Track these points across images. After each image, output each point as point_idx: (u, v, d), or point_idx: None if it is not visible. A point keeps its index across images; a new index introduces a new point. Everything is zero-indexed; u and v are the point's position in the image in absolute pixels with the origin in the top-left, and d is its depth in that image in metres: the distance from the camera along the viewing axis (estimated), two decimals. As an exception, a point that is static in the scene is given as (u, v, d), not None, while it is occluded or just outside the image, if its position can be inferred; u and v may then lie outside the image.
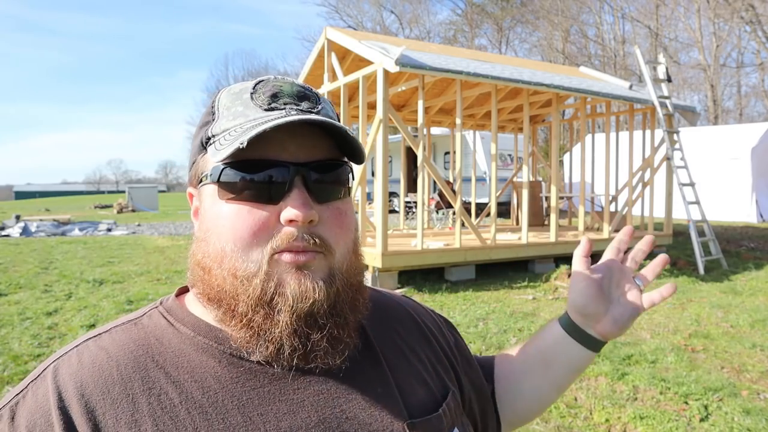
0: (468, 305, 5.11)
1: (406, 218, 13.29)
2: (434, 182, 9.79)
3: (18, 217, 14.26)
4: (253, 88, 0.58)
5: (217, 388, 0.55)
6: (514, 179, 10.25)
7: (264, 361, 0.56)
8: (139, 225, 14.76)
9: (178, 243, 10.11)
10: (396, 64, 5.31)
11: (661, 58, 8.59)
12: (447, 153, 15.61)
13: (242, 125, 0.55)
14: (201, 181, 0.59)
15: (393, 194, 16.10)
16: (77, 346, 0.58)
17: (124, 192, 27.56)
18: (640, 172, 7.98)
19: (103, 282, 6.18)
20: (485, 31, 32.93)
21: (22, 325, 4.40)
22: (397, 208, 16.33)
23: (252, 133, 0.51)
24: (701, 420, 2.73)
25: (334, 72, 6.89)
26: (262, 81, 0.59)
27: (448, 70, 5.77)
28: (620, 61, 26.21)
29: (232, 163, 0.55)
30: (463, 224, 6.26)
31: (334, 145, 0.59)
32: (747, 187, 12.71)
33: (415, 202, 12.88)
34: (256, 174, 0.54)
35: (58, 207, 26.82)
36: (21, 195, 69.34)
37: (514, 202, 10.50)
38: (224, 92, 0.61)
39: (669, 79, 8.15)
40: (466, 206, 8.89)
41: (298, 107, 0.57)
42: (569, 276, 5.88)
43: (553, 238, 6.90)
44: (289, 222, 0.54)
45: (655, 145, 7.94)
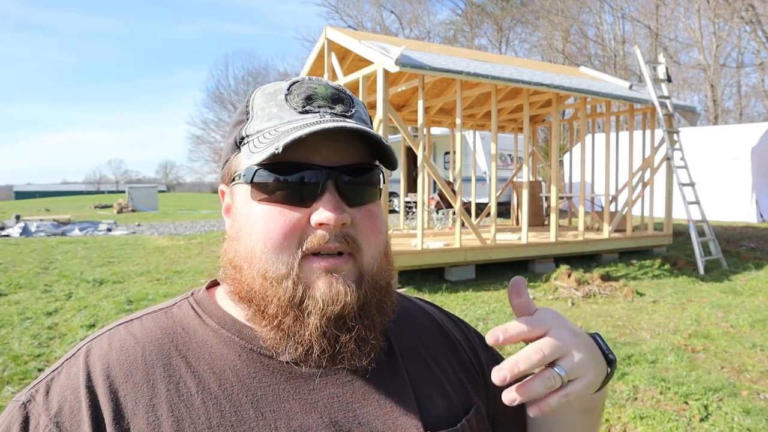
0: (468, 305, 5.11)
1: (406, 218, 13.29)
2: (434, 182, 9.80)
3: (18, 217, 14.25)
4: (288, 89, 0.59)
5: (234, 381, 0.56)
6: (514, 179, 10.25)
7: (292, 361, 0.57)
8: (139, 225, 14.76)
9: (178, 243, 10.11)
10: (396, 64, 5.31)
11: (661, 58, 8.59)
12: (447, 153, 15.60)
13: (276, 127, 0.56)
14: (234, 179, 0.60)
15: (393, 194, 16.10)
16: (110, 329, 0.61)
17: (124, 192, 27.57)
18: (640, 172, 7.98)
19: (103, 282, 6.18)
20: (485, 31, 32.97)
21: (22, 325, 4.40)
22: (397, 208, 16.33)
23: (287, 139, 0.52)
24: (701, 420, 2.73)
25: (334, 72, 6.89)
26: (297, 82, 0.60)
27: (448, 70, 5.77)
28: (620, 61, 26.21)
29: (266, 165, 0.55)
30: (463, 224, 6.26)
31: (367, 149, 0.59)
32: (747, 187, 12.71)
33: (415, 202, 12.88)
34: (289, 176, 0.55)
35: (58, 207, 26.82)
36: (21, 195, 69.29)
37: (514, 202, 10.50)
38: (258, 92, 0.61)
39: (669, 79, 8.15)
40: (466, 206, 8.90)
41: (332, 110, 0.58)
42: (569, 276, 5.90)
43: (553, 238, 6.90)
44: (320, 225, 0.54)
45: (655, 145, 7.94)
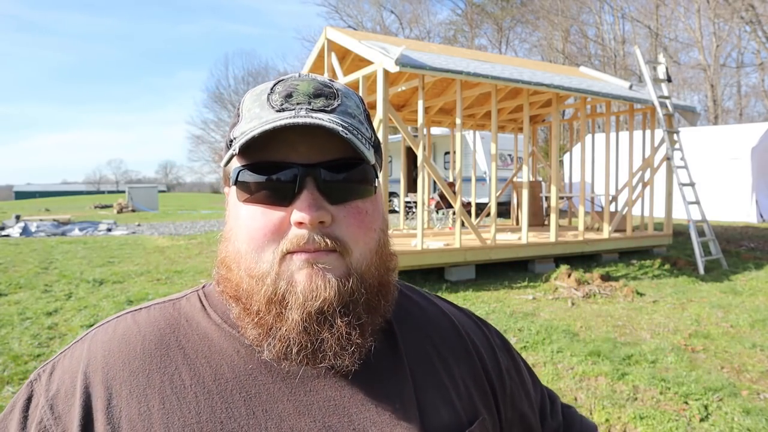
0: (468, 305, 5.11)
1: (406, 218, 13.28)
2: (434, 182, 9.79)
3: (18, 217, 14.25)
4: (272, 89, 0.58)
5: (229, 377, 0.56)
6: (514, 179, 10.25)
7: (274, 359, 0.56)
8: (139, 225, 14.75)
9: (178, 243, 10.11)
10: (396, 64, 5.31)
11: (661, 58, 8.59)
12: (447, 153, 15.60)
13: (254, 128, 0.55)
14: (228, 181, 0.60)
15: (393, 194, 16.10)
16: (119, 317, 0.62)
17: (124, 192, 27.57)
18: (640, 172, 7.98)
19: (103, 282, 6.18)
20: (485, 31, 32.96)
21: (22, 325, 4.40)
22: (397, 208, 16.33)
23: (243, 140, 0.52)
24: (701, 420, 2.73)
25: (334, 72, 6.89)
26: (282, 80, 0.59)
27: (448, 70, 5.77)
28: (620, 61, 26.21)
29: (248, 165, 0.55)
30: (463, 224, 6.26)
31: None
32: (747, 187, 12.71)
33: (415, 202, 12.88)
34: (267, 176, 0.54)
35: (58, 207, 26.82)
36: (21, 195, 69.28)
37: (514, 202, 10.50)
38: (248, 93, 0.61)
39: (669, 79, 8.15)
40: (466, 206, 8.89)
41: (309, 107, 0.56)
42: (569, 276, 5.90)
43: (553, 238, 6.90)
44: (299, 224, 0.54)
45: (655, 145, 7.94)
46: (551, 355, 3.66)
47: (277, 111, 0.55)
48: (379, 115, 5.69)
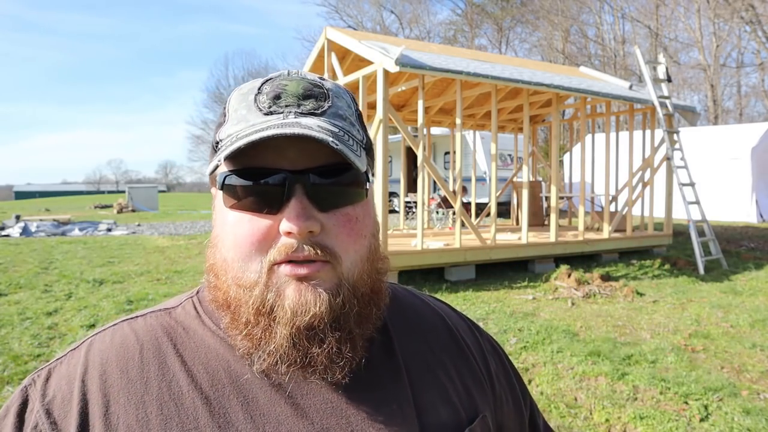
0: (468, 305, 5.11)
1: (406, 218, 13.28)
2: (434, 182, 9.79)
3: (18, 217, 14.25)
4: (259, 89, 0.56)
5: (226, 383, 0.55)
6: (514, 179, 10.25)
7: (263, 372, 0.55)
8: (139, 225, 14.75)
9: (178, 243, 10.11)
10: (396, 64, 5.31)
11: (661, 58, 8.59)
12: (447, 153, 15.60)
13: (240, 132, 0.53)
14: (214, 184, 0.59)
15: (393, 194, 16.10)
16: (115, 325, 0.62)
17: (124, 192, 27.56)
18: (640, 172, 7.98)
19: (103, 282, 6.18)
20: (485, 31, 32.96)
21: (22, 325, 4.40)
22: (397, 208, 16.33)
23: (228, 151, 0.50)
24: (701, 420, 2.73)
25: (334, 72, 6.89)
26: (269, 80, 0.57)
27: (448, 70, 5.77)
28: (620, 61, 26.20)
29: (235, 170, 0.53)
30: (463, 224, 6.26)
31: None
32: (747, 187, 12.71)
33: (415, 202, 12.88)
34: (254, 182, 0.52)
35: (58, 207, 26.82)
36: (21, 195, 69.33)
37: (514, 202, 10.50)
38: (235, 92, 0.59)
39: (669, 79, 8.15)
40: (466, 206, 8.89)
41: (299, 109, 0.54)
42: (569, 276, 5.90)
43: (553, 238, 6.90)
44: (287, 233, 0.52)
45: (655, 145, 7.94)
46: (551, 355, 3.66)
47: (265, 114, 0.53)
48: (379, 115, 5.69)
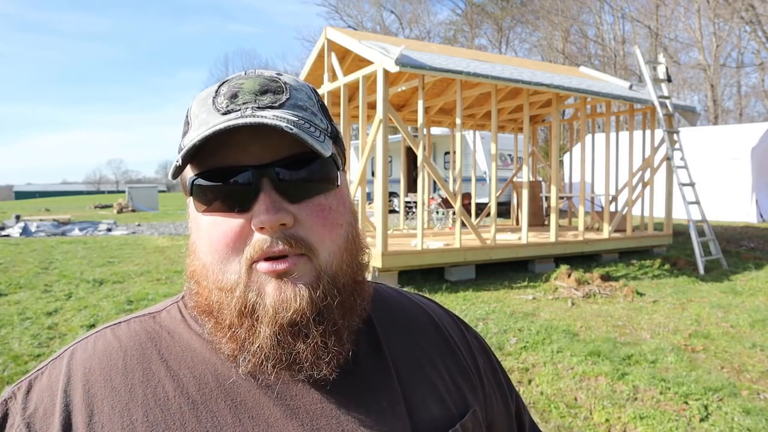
0: (468, 305, 5.11)
1: (406, 218, 13.28)
2: (434, 182, 9.79)
3: (18, 217, 14.25)
4: (216, 91, 0.55)
5: (213, 386, 0.55)
6: (514, 179, 10.26)
7: (250, 373, 0.54)
8: (139, 225, 14.76)
9: (178, 243, 10.11)
10: (396, 64, 5.31)
11: (661, 58, 8.59)
12: (447, 153, 15.60)
13: (201, 135, 0.52)
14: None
15: (393, 194, 16.10)
16: (97, 332, 0.60)
17: (124, 192, 27.56)
18: (640, 172, 7.98)
19: (103, 282, 6.18)
20: (485, 31, 32.96)
21: (22, 325, 4.40)
22: (397, 208, 16.33)
23: (185, 150, 0.50)
24: (701, 420, 2.73)
25: (334, 72, 6.89)
26: (226, 81, 0.57)
27: (448, 70, 5.77)
28: (620, 61, 26.20)
29: (202, 174, 0.53)
30: (463, 224, 6.26)
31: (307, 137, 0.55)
32: (747, 187, 12.71)
33: (415, 202, 12.88)
34: (220, 183, 0.52)
35: (58, 207, 26.82)
36: (21, 195, 69.36)
37: (514, 202, 10.50)
38: (195, 99, 0.58)
39: (669, 79, 8.15)
40: (467, 206, 8.89)
41: (255, 105, 0.53)
42: (569, 276, 5.90)
43: (553, 238, 6.90)
44: (260, 229, 0.51)
45: (655, 145, 7.94)
46: (551, 355, 3.66)
47: (223, 114, 0.52)
48: (379, 115, 5.69)
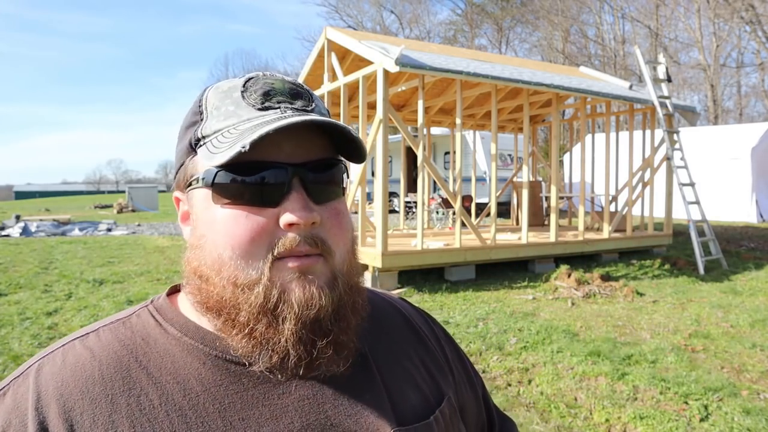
0: (468, 305, 5.11)
1: (406, 218, 13.28)
2: (434, 182, 9.79)
3: (18, 217, 14.25)
4: (244, 86, 0.56)
5: (199, 391, 0.53)
6: (514, 179, 10.26)
7: (267, 370, 0.54)
8: (139, 225, 14.75)
9: (178, 243, 10.11)
10: (396, 64, 5.31)
11: (661, 58, 8.59)
12: (447, 153, 15.59)
13: (236, 126, 0.53)
14: (190, 184, 0.57)
15: (393, 194, 16.09)
16: (63, 345, 0.57)
17: (124, 192, 27.56)
18: (640, 172, 7.98)
19: (103, 282, 6.18)
20: (485, 31, 32.95)
21: (22, 325, 4.40)
22: (397, 208, 16.33)
23: (254, 136, 0.49)
24: (701, 420, 2.73)
25: (334, 72, 6.89)
26: (253, 78, 0.57)
27: (448, 70, 5.77)
28: (620, 61, 26.20)
29: (227, 166, 0.52)
30: (463, 224, 6.26)
31: (330, 144, 0.57)
32: (747, 187, 12.71)
33: (415, 202, 12.88)
34: (253, 177, 0.52)
35: (58, 207, 26.82)
36: (21, 195, 69.34)
37: (514, 202, 10.50)
38: (211, 90, 0.58)
39: (669, 79, 8.15)
40: (466, 206, 8.89)
41: (293, 106, 0.55)
42: (569, 276, 5.90)
43: (553, 238, 6.90)
44: (290, 226, 0.52)
45: (655, 145, 7.94)
46: (551, 355, 3.66)
47: (259, 109, 0.54)
48: (379, 115, 5.69)
